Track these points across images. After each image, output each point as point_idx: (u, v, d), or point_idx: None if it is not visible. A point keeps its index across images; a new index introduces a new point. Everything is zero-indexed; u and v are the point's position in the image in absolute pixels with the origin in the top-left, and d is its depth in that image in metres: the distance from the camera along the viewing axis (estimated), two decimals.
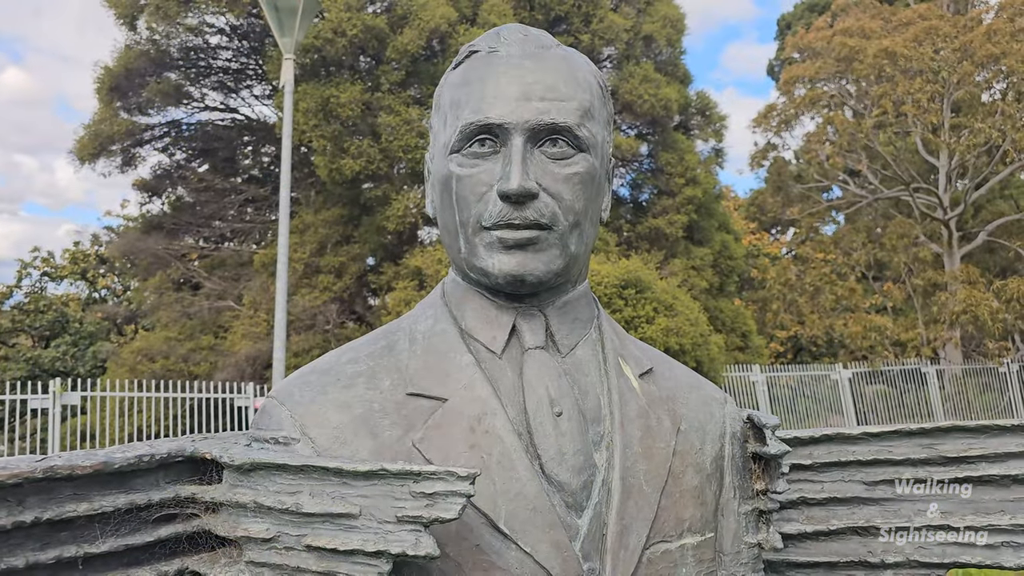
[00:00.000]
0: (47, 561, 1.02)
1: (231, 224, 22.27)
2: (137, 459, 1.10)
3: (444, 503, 1.00)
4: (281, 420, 1.19)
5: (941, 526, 1.55)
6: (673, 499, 1.23)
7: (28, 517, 1.00)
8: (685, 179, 19.56)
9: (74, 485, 1.06)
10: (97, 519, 1.08)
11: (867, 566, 1.58)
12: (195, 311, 19.69)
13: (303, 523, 1.04)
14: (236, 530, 1.09)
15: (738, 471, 1.37)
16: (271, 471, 1.08)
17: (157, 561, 1.14)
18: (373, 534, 1.01)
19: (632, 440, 1.23)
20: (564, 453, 1.18)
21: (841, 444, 1.64)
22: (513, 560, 1.10)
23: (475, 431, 1.16)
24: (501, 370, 1.23)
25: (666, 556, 1.20)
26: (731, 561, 1.30)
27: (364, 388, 1.21)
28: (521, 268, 1.21)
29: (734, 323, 19.39)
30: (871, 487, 1.61)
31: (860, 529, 1.59)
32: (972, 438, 1.57)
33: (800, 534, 1.62)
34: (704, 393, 1.42)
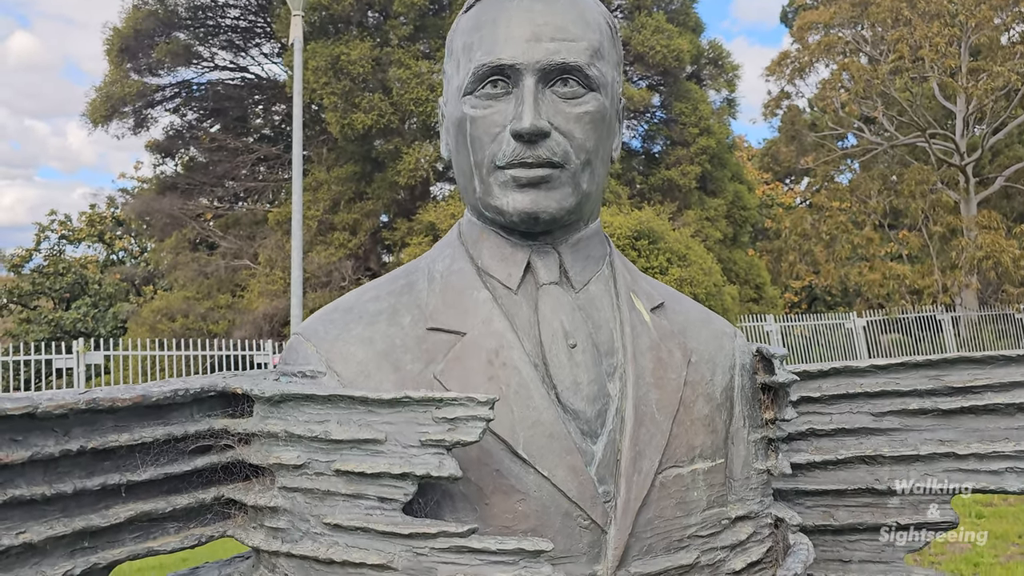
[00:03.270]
0: (93, 487, 1.09)
1: (244, 183, 22.31)
2: (173, 392, 1.16)
3: (465, 427, 1.05)
4: (308, 356, 1.25)
5: (947, 454, 1.59)
6: (684, 427, 1.28)
7: (74, 446, 1.06)
8: (698, 129, 19.37)
9: (115, 417, 1.12)
10: (137, 449, 1.14)
11: (874, 493, 1.63)
12: (212, 270, 19.86)
13: (332, 450, 1.10)
14: (268, 458, 1.15)
15: (748, 401, 1.41)
16: (300, 402, 1.13)
17: (195, 489, 1.20)
18: (398, 458, 1.06)
19: (644, 371, 1.27)
20: (579, 383, 1.22)
21: (849, 377, 1.68)
22: (531, 483, 1.15)
23: (493, 363, 1.20)
24: (517, 305, 1.27)
25: (678, 480, 1.25)
26: (741, 486, 1.35)
27: (386, 325, 1.26)
28: (535, 206, 1.24)
29: (748, 274, 19.35)
30: (878, 418, 1.66)
31: (867, 458, 1.64)
32: (978, 368, 1.61)
33: (809, 463, 1.67)
34: (714, 327, 1.46)
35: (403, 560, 1.05)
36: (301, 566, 1.11)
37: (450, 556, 1.04)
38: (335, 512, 1.09)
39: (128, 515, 1.12)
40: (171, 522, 1.18)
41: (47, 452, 1.04)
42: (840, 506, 1.66)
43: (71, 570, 1.07)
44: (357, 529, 1.07)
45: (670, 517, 1.23)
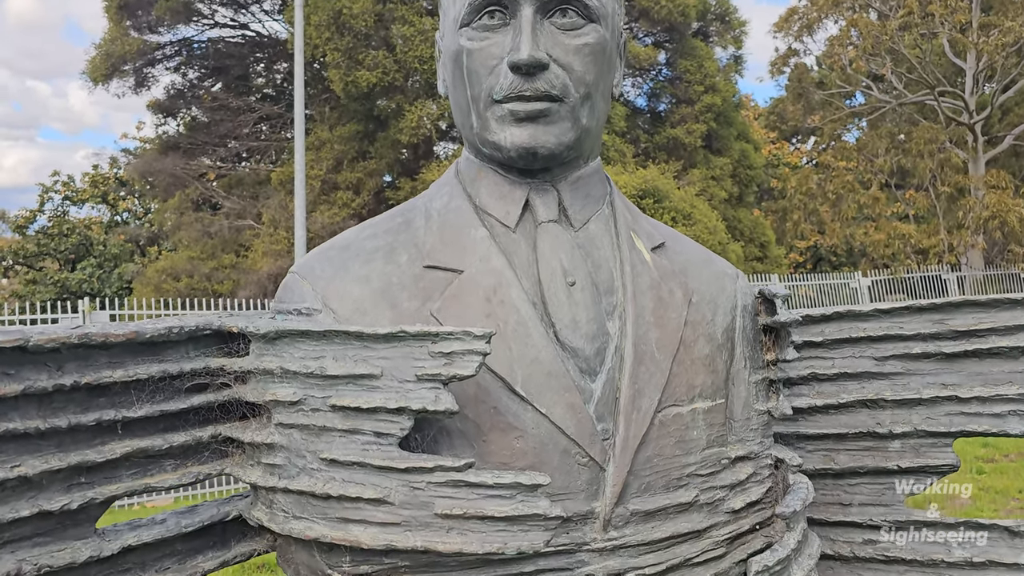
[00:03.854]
0: (88, 423, 1.08)
1: (247, 143, 22.18)
2: (167, 330, 1.15)
3: (462, 361, 1.04)
4: (303, 293, 1.23)
5: (949, 397, 1.58)
6: (684, 366, 1.27)
7: (67, 381, 1.06)
8: (704, 87, 19.15)
9: (109, 353, 1.11)
10: (133, 386, 1.13)
11: (875, 436, 1.62)
12: (215, 230, 19.85)
13: (328, 385, 1.09)
14: (264, 395, 1.14)
15: (749, 342, 1.40)
16: (295, 338, 1.12)
17: (191, 427, 1.20)
18: (395, 393, 1.06)
19: (644, 310, 1.26)
20: (578, 321, 1.21)
21: (852, 321, 1.67)
22: (529, 421, 1.14)
23: (491, 301, 1.19)
24: (515, 243, 1.26)
25: (677, 419, 1.24)
26: (741, 427, 1.34)
27: (382, 263, 1.24)
28: (533, 141, 1.22)
29: (753, 233, 19.27)
30: (881, 362, 1.64)
31: (869, 402, 1.63)
32: (983, 312, 1.59)
33: (810, 407, 1.66)
34: (716, 268, 1.44)
35: (400, 494, 1.04)
36: (298, 501, 1.11)
37: (447, 490, 1.03)
38: (331, 447, 1.08)
39: (124, 451, 1.12)
40: (168, 459, 1.18)
41: (40, 386, 1.03)
42: (841, 450, 1.66)
43: (68, 504, 1.07)
44: (353, 464, 1.06)
45: (669, 456, 1.22)
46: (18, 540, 1.05)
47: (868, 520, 1.63)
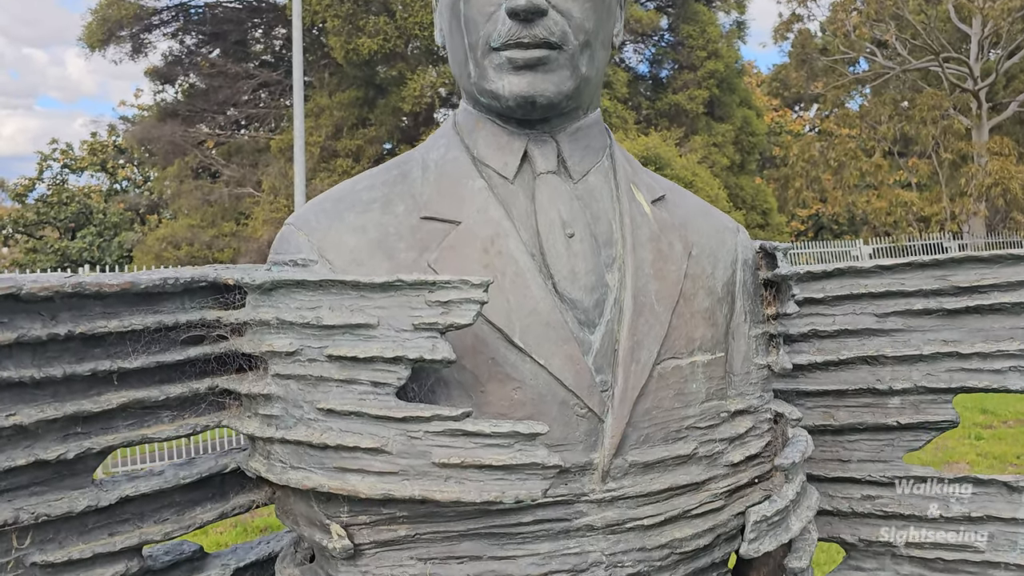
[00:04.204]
0: (83, 373, 1.08)
1: (245, 110, 22.02)
2: (162, 281, 1.14)
3: (459, 310, 1.03)
4: (299, 245, 1.22)
5: (950, 353, 1.58)
6: (684, 319, 1.26)
7: (61, 330, 1.05)
8: (706, 52, 18.95)
9: (103, 303, 1.10)
10: (128, 337, 1.12)
11: (875, 393, 1.62)
12: (215, 198, 19.78)
13: (324, 335, 1.08)
14: (261, 346, 1.13)
15: (749, 296, 1.39)
16: (291, 288, 1.11)
17: (188, 379, 1.19)
18: (391, 342, 1.05)
19: (644, 262, 1.25)
20: (576, 272, 1.20)
21: (853, 278, 1.66)
22: (528, 372, 1.13)
23: (488, 252, 1.18)
24: (513, 195, 1.24)
25: (676, 372, 1.23)
26: (740, 381, 1.33)
27: (379, 213, 1.23)
28: (531, 89, 1.20)
29: (755, 200, 19.20)
30: (882, 318, 1.63)
31: (870, 358, 1.62)
32: (985, 268, 1.57)
33: (810, 364, 1.66)
34: (717, 221, 1.42)
35: (397, 444, 1.04)
36: (295, 452, 1.10)
37: (444, 439, 1.03)
38: (328, 398, 1.07)
39: (121, 402, 1.11)
40: (165, 411, 1.17)
41: (34, 335, 1.03)
42: (840, 406, 1.66)
43: (64, 454, 1.06)
44: (350, 414, 1.06)
45: (668, 408, 1.21)
46: (15, 489, 1.05)
47: (867, 476, 1.63)
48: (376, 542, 1.12)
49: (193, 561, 1.27)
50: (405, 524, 1.11)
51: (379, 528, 1.12)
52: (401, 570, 1.12)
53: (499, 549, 1.12)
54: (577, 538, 1.14)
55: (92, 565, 1.11)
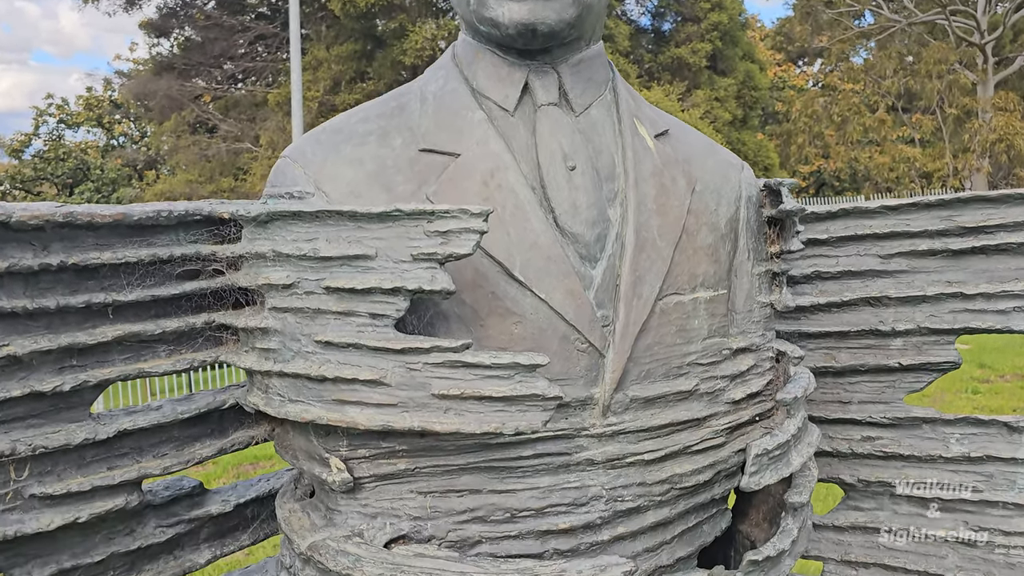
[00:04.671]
0: (77, 305, 1.06)
1: (242, 64, 21.74)
2: (156, 213, 1.12)
3: (458, 239, 1.01)
4: (295, 177, 1.20)
5: (954, 294, 1.56)
6: (687, 255, 1.24)
7: (53, 260, 1.03)
8: (710, 4, 18.64)
9: (96, 235, 1.08)
10: (122, 270, 1.11)
11: (877, 335, 1.61)
12: (213, 153, 19.63)
13: (321, 267, 1.06)
14: (257, 279, 1.12)
15: (753, 234, 1.37)
16: (287, 220, 1.09)
17: (184, 314, 1.18)
18: (389, 273, 1.03)
19: (646, 197, 1.22)
20: (578, 206, 1.18)
21: (858, 219, 1.63)
22: (528, 306, 1.12)
23: (488, 185, 1.15)
24: (513, 127, 1.21)
25: (679, 308, 1.22)
26: (743, 319, 1.32)
27: (376, 146, 1.20)
28: (532, 16, 1.16)
29: (756, 156, 19.05)
30: (886, 260, 1.62)
31: (873, 300, 1.61)
32: (992, 208, 1.55)
33: (813, 306, 1.65)
34: (721, 158, 1.40)
35: (396, 375, 1.03)
36: (293, 385, 1.09)
37: (444, 371, 1.02)
38: (326, 330, 1.06)
39: (116, 335, 1.10)
40: (161, 345, 1.16)
41: (25, 264, 1.01)
42: (842, 348, 1.65)
43: (59, 386, 1.05)
44: (348, 346, 1.04)
45: (670, 344, 1.20)
46: (11, 421, 1.04)
47: (867, 417, 1.63)
48: (376, 476, 1.12)
49: (193, 496, 1.27)
50: (405, 458, 1.11)
51: (378, 462, 1.11)
52: (401, 503, 1.12)
53: (499, 483, 1.12)
54: (577, 472, 1.14)
55: (91, 498, 1.11)
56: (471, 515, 1.11)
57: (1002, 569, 1.51)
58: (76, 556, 1.13)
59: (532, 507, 1.12)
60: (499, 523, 1.12)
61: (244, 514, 1.34)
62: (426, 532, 1.11)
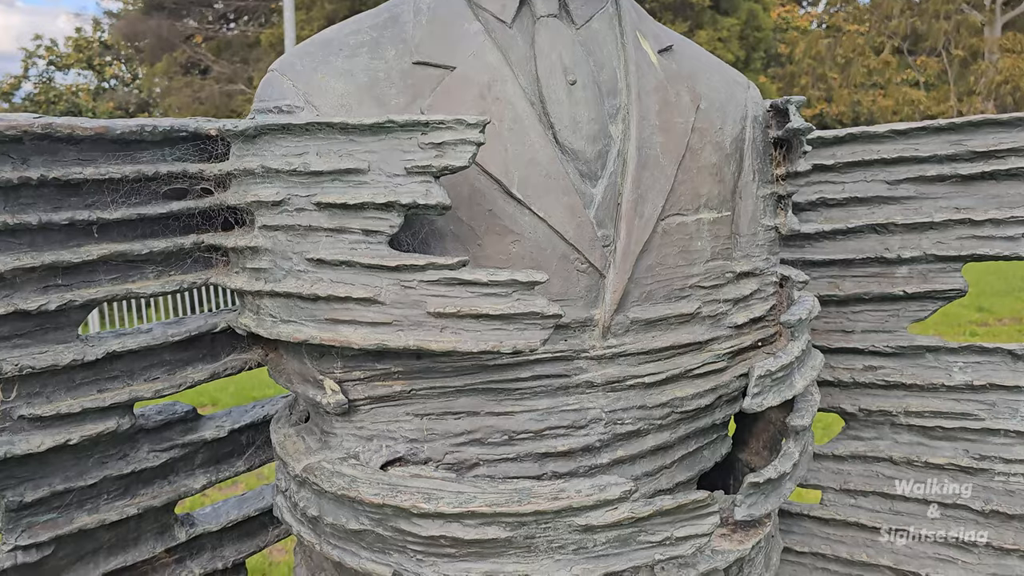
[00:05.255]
0: (60, 222, 1.03)
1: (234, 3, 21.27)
2: (139, 128, 1.07)
3: (454, 152, 0.97)
4: (284, 90, 1.15)
5: (962, 220, 1.53)
6: (690, 174, 1.20)
7: (33, 174, 0.99)
8: None
9: (77, 149, 1.04)
10: (106, 186, 1.07)
11: (883, 262, 1.58)
12: (206, 96, 19.33)
13: (312, 183, 1.02)
14: (246, 197, 1.08)
15: (758, 155, 1.33)
16: (276, 134, 1.05)
17: (173, 234, 1.15)
18: (383, 188, 0.99)
19: (649, 113, 1.18)
20: (578, 121, 1.13)
21: (866, 143, 1.59)
22: (527, 225, 1.09)
23: (485, 98, 1.11)
24: (511, 39, 1.16)
25: (681, 228, 1.18)
26: (747, 242, 1.29)
27: (368, 58, 1.15)
28: None
29: None
30: (893, 186, 1.58)
31: (879, 226, 1.58)
32: (1004, 132, 1.51)
33: (818, 233, 1.61)
34: (727, 75, 1.35)
35: (390, 293, 1.00)
36: (285, 305, 1.06)
37: (440, 288, 0.99)
38: (318, 248, 1.03)
39: (101, 254, 1.07)
40: (150, 266, 1.13)
41: (4, 178, 0.97)
42: (847, 276, 1.62)
43: (45, 305, 1.02)
44: (341, 263, 1.01)
45: (672, 265, 1.17)
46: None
47: (870, 346, 1.61)
48: (371, 398, 1.09)
49: (187, 421, 1.25)
50: (400, 380, 1.09)
51: (374, 384, 1.09)
52: (397, 426, 1.10)
53: (496, 405, 1.10)
54: (576, 395, 1.12)
55: (82, 420, 1.09)
56: (468, 437, 1.10)
57: (1001, 496, 1.50)
58: (69, 479, 1.12)
59: (530, 429, 1.10)
60: (497, 445, 1.10)
61: (239, 440, 1.33)
62: (423, 454, 1.09)
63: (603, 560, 0.98)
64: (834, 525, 1.62)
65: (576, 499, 0.96)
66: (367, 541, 1.02)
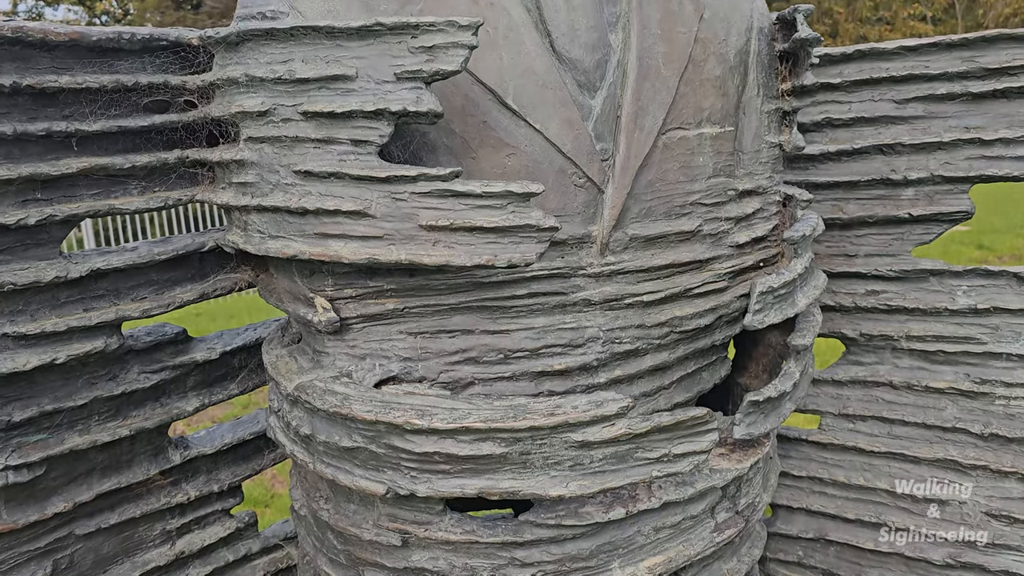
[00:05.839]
0: (36, 132, 0.99)
1: None
2: (116, 35, 1.03)
3: (445, 56, 0.92)
4: None
5: (971, 140, 1.48)
6: (693, 86, 1.15)
7: (5, 81, 0.95)
8: None
9: (51, 56, 0.99)
10: (84, 96, 1.03)
11: (888, 184, 1.54)
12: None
13: (298, 91, 0.98)
14: (231, 108, 1.04)
15: (763, 68, 1.28)
16: (260, 40, 1.00)
17: (155, 149, 1.11)
18: (371, 95, 0.95)
19: (650, 21, 1.13)
20: (576, 29, 1.08)
21: (874, 61, 1.53)
22: (522, 137, 1.04)
23: (478, 3, 1.05)
24: None
25: (683, 143, 1.14)
26: (750, 160, 1.25)
27: None
28: None
29: None
30: (902, 105, 1.53)
31: (885, 147, 1.53)
32: (1019, 47, 1.45)
33: (822, 155, 1.57)
34: None
35: (381, 206, 0.96)
36: (274, 220, 1.03)
37: (432, 201, 0.95)
38: (305, 159, 0.99)
39: (81, 167, 1.03)
40: (132, 181, 1.09)
41: None
42: (851, 199, 1.58)
43: (24, 219, 0.99)
44: (330, 176, 0.97)
45: (673, 181, 1.14)
46: None
47: (873, 271, 1.58)
48: (363, 316, 1.07)
49: (177, 343, 1.23)
50: (393, 297, 1.06)
51: (366, 302, 1.06)
52: (390, 344, 1.08)
53: (492, 323, 1.07)
54: (574, 313, 1.10)
55: (69, 339, 1.07)
56: (463, 356, 1.08)
57: (1001, 419, 1.49)
58: (58, 399, 1.10)
59: (526, 348, 1.08)
60: (492, 364, 1.08)
61: (231, 363, 1.31)
62: (416, 373, 1.07)
63: (599, 476, 0.97)
64: (832, 449, 1.62)
65: (572, 415, 0.94)
66: (360, 459, 1.00)
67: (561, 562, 1.03)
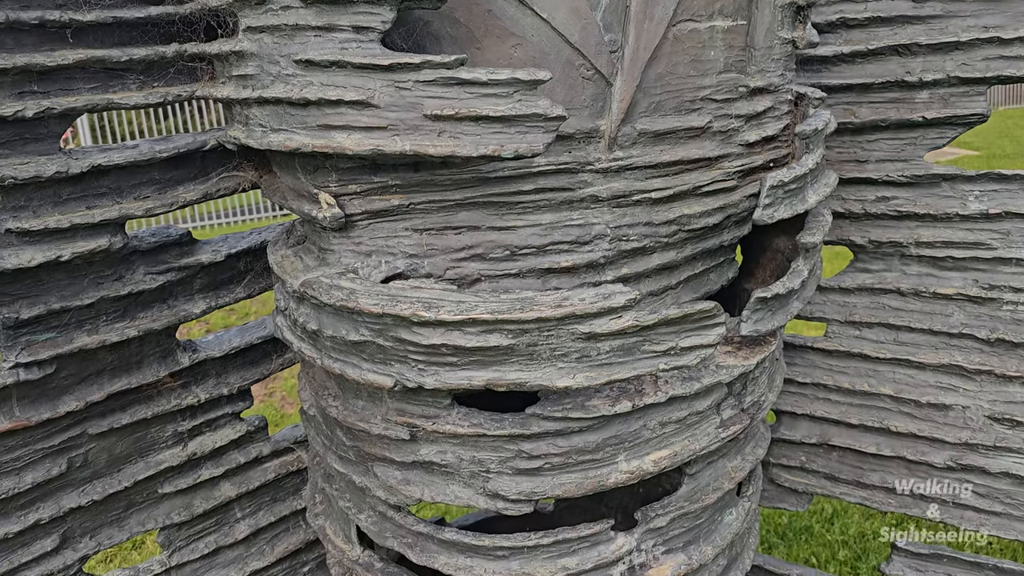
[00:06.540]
0: (30, 21, 0.96)
1: None
2: None
3: None
4: None
5: (990, 39, 1.44)
6: None
7: None
8: None
9: None
10: None
11: (903, 86, 1.50)
12: None
13: None
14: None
15: None
16: None
17: (153, 42, 1.08)
18: None
19: None
20: None
21: None
22: (529, 27, 1.01)
23: None
24: None
25: (693, 35, 1.11)
26: (762, 56, 1.21)
27: None
28: None
29: None
30: (919, 4, 1.48)
31: (901, 48, 1.49)
32: None
33: (836, 56, 1.53)
34: None
35: (384, 96, 0.94)
36: (275, 112, 1.01)
37: (436, 89, 0.93)
38: (306, 48, 0.96)
39: (77, 59, 1.01)
40: (131, 75, 1.07)
41: None
42: (864, 103, 1.55)
43: (21, 111, 0.97)
44: (332, 64, 0.95)
45: (683, 75, 1.11)
46: None
47: (884, 176, 1.56)
48: (368, 212, 1.06)
49: (182, 245, 1.23)
50: (398, 193, 1.05)
51: (371, 198, 1.05)
52: (396, 241, 1.07)
53: (498, 219, 1.06)
54: (581, 209, 1.08)
55: (72, 237, 1.06)
56: (469, 252, 1.07)
57: (1008, 325, 1.49)
58: (65, 298, 1.10)
59: (533, 244, 1.07)
60: (499, 260, 1.07)
61: (237, 266, 1.31)
62: (423, 270, 1.07)
63: (606, 368, 0.97)
64: (837, 356, 1.62)
65: (580, 307, 0.93)
66: (368, 352, 1.01)
67: (568, 454, 1.04)
